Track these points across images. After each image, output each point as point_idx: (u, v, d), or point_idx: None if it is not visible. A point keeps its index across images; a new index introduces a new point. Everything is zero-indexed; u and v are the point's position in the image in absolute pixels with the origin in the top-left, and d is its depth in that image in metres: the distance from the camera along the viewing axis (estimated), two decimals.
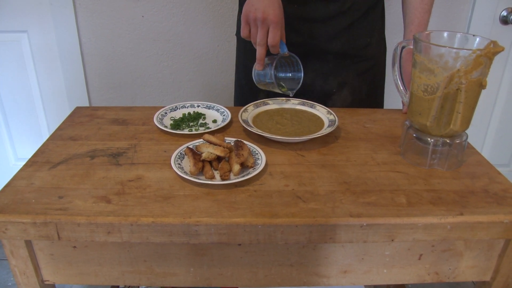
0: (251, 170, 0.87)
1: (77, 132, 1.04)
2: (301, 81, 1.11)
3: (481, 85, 0.84)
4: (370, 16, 1.24)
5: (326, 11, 1.19)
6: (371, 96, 1.33)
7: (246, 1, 1.02)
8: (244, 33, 1.05)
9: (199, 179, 0.83)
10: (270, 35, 1.01)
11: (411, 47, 0.92)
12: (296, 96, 1.16)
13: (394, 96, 1.30)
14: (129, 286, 1.41)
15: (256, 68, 1.09)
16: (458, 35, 0.92)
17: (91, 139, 1.01)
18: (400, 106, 1.22)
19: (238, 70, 1.40)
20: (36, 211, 0.75)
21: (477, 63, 0.80)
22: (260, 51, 1.04)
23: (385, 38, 1.32)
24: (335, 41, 1.23)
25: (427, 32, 0.92)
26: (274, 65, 1.06)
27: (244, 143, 0.91)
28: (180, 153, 0.92)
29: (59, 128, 1.06)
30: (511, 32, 1.85)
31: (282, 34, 1.05)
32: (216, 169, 0.88)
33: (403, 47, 1.01)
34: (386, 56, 1.35)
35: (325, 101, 1.17)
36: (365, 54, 1.27)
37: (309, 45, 1.23)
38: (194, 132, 1.04)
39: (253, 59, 1.15)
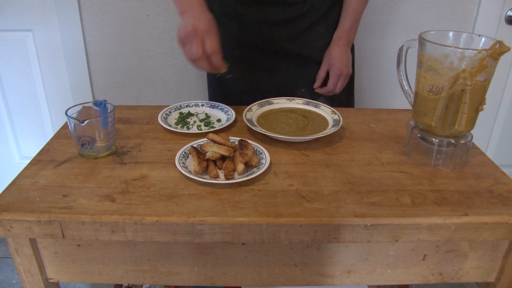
0: (255, 169, 0.87)
1: None
2: None
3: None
4: (329, 17, 1.26)
5: (285, 14, 1.21)
6: (340, 95, 1.33)
7: (177, 28, 1.00)
8: (186, 54, 1.00)
9: (203, 178, 0.83)
10: (206, 44, 0.97)
11: (416, 47, 0.92)
12: (267, 96, 1.16)
13: (398, 96, 1.30)
14: (133, 285, 1.42)
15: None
16: (464, 35, 0.91)
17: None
18: (403, 107, 1.21)
19: (209, 74, 1.41)
20: (41, 210, 0.75)
21: (482, 67, 0.80)
22: (201, 65, 1.00)
23: None
24: (297, 43, 1.25)
25: (432, 32, 0.91)
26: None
27: (248, 143, 0.91)
28: (185, 152, 0.92)
29: (64, 127, 1.07)
30: None
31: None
32: (220, 169, 0.88)
33: (408, 48, 1.00)
34: (355, 55, 1.35)
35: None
36: None
37: (271, 47, 1.23)
38: (198, 131, 1.04)
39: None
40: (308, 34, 1.24)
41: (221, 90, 1.36)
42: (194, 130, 1.05)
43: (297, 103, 1.16)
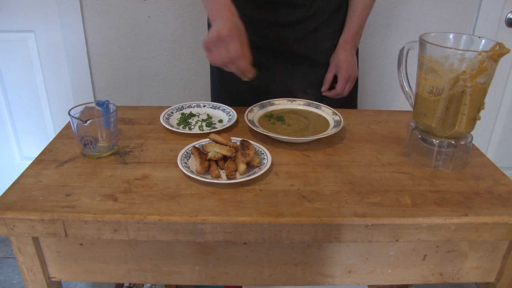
0: (257, 169, 0.87)
1: None
2: None
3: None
4: (335, 19, 1.28)
5: (292, 15, 1.23)
6: (345, 97, 1.34)
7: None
8: (211, 60, 1.00)
9: (205, 178, 0.83)
10: (230, 48, 0.96)
11: (417, 49, 0.93)
12: (272, 96, 1.17)
13: (399, 97, 1.31)
14: (134, 284, 1.42)
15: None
16: (464, 37, 0.92)
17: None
18: (404, 108, 1.22)
19: (213, 73, 1.42)
20: (44, 209, 0.76)
21: (482, 69, 0.80)
22: (231, 69, 0.99)
23: None
24: (303, 44, 1.26)
25: (433, 34, 0.92)
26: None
27: (250, 143, 0.92)
28: (187, 152, 0.92)
29: (66, 127, 1.07)
30: None
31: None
32: (222, 169, 0.89)
33: (408, 50, 1.01)
34: (359, 57, 1.37)
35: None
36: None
37: (277, 48, 1.24)
38: (200, 131, 1.05)
39: None
40: (314, 36, 1.26)
41: (225, 90, 1.36)
42: (196, 130, 1.06)
43: (298, 104, 1.17)
